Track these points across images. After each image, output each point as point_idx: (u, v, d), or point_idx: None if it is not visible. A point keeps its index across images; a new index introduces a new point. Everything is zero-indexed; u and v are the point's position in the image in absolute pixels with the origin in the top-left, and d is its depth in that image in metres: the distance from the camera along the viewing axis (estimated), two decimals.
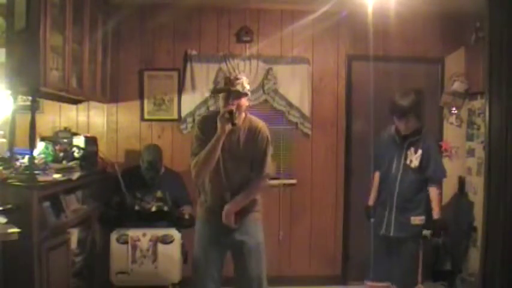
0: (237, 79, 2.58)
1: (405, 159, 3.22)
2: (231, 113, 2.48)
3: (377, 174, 3.42)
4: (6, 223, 2.37)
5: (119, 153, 3.96)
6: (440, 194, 3.27)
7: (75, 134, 3.60)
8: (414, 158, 3.19)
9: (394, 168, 3.25)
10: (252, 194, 2.67)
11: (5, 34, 2.81)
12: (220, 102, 2.60)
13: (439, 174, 3.24)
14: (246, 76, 2.76)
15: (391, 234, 3.23)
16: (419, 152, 3.19)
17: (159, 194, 3.49)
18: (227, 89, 2.56)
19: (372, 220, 3.38)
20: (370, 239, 3.38)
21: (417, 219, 3.19)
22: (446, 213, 4.09)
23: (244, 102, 2.61)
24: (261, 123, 2.70)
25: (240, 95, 2.56)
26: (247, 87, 2.61)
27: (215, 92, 2.84)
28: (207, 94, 3.95)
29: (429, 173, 3.19)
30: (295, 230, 4.08)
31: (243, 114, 2.64)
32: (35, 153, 3.01)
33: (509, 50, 2.12)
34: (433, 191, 3.19)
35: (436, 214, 3.19)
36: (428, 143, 3.22)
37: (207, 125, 2.64)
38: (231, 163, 2.62)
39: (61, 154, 3.32)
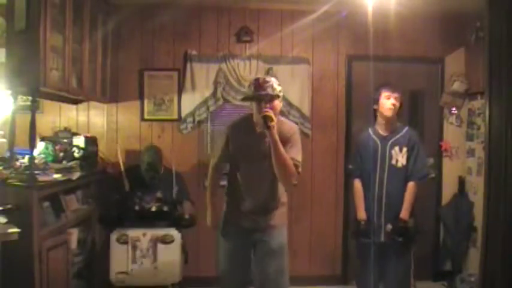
0: (266, 82, 2.51)
1: (390, 159, 3.15)
2: (266, 118, 2.40)
3: (357, 181, 3.28)
4: (6, 223, 2.38)
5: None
6: (415, 194, 3.14)
7: (75, 134, 3.61)
8: (400, 157, 3.14)
9: (379, 171, 3.16)
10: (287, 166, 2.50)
11: (5, 34, 2.82)
12: (254, 108, 2.55)
13: (423, 171, 3.17)
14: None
15: (382, 239, 3.14)
16: (404, 149, 3.14)
17: (159, 194, 3.50)
18: (258, 95, 2.49)
19: (363, 239, 3.19)
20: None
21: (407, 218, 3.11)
22: (446, 213, 4.11)
23: (278, 104, 2.55)
24: (293, 125, 2.70)
25: (273, 97, 2.50)
26: (278, 88, 2.54)
27: (246, 99, 2.68)
28: (207, 94, 3.95)
29: (412, 169, 3.12)
30: (295, 230, 4.07)
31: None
32: (35, 153, 3.01)
33: (509, 50, 2.12)
34: (411, 187, 3.11)
35: (403, 214, 3.09)
36: (413, 141, 3.17)
37: (234, 132, 2.66)
38: (263, 164, 2.55)
39: (61, 154, 3.33)
